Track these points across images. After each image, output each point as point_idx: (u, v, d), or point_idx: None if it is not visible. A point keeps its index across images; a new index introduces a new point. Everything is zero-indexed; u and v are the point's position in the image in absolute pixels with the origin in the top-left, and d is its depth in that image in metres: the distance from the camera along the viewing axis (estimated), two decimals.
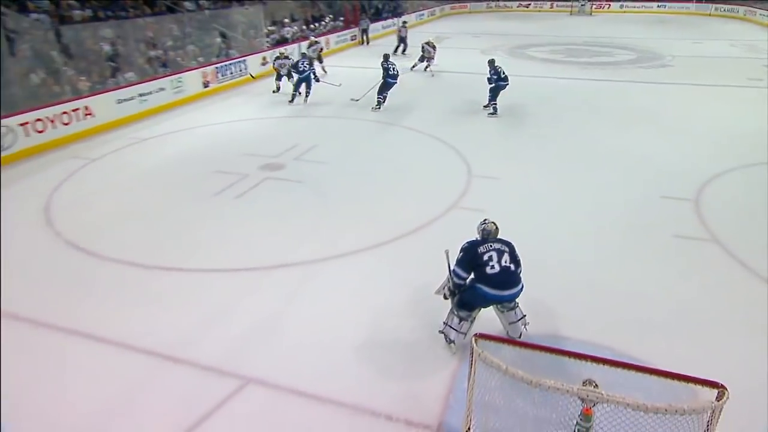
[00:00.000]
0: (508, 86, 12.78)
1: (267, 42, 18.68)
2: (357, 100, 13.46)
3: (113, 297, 5.80)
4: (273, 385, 4.56)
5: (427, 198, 8.21)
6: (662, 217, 7.77)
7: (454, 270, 4.70)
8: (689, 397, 3.27)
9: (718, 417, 3.11)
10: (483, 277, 4.56)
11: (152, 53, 14.67)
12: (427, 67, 18.01)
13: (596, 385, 3.09)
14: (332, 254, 6.64)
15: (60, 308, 5.59)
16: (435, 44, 18.10)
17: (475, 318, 4.82)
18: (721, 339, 5.26)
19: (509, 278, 4.61)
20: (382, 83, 13.07)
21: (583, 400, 3.06)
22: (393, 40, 24.07)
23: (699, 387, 3.16)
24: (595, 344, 4.99)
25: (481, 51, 22.17)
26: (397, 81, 13.23)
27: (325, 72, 16.59)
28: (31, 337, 5.18)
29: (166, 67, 14.49)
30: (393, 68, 13.06)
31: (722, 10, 34.48)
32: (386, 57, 13.35)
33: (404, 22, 22.67)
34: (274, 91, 14.85)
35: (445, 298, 4.87)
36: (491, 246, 4.64)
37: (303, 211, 7.84)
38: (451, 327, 4.82)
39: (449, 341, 4.88)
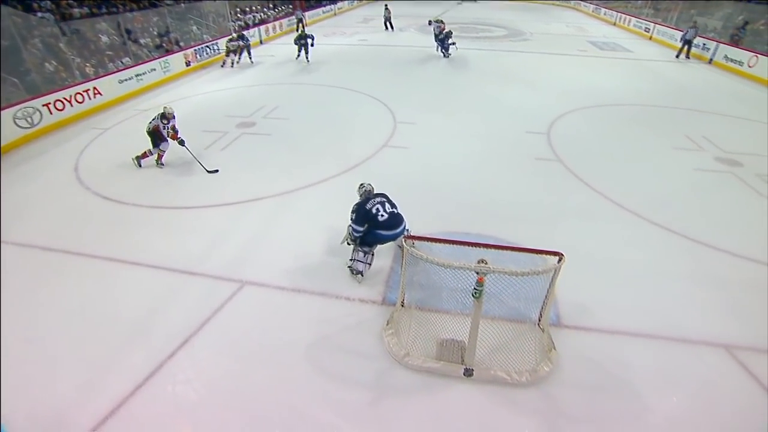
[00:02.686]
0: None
1: (233, 27, 16.89)
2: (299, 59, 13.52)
3: (139, 231, 5.48)
4: (262, 284, 4.56)
5: (366, 140, 8.03)
6: (527, 146, 8.01)
7: (352, 227, 4.43)
8: (542, 263, 3.52)
9: (559, 272, 3.41)
10: (377, 225, 4.34)
11: (143, 41, 13.08)
12: (449, 47, 14.80)
13: (486, 262, 3.24)
14: (298, 186, 6.47)
15: (98, 243, 5.25)
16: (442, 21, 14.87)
17: (374, 251, 4.61)
18: (562, 223, 5.66)
19: (396, 219, 4.42)
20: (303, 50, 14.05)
21: (477, 273, 3.22)
22: (329, 23, 22.60)
23: (548, 256, 3.43)
24: (485, 235, 5.25)
25: (399, 29, 21.08)
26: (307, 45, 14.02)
27: (252, 62, 14.19)
28: (81, 266, 4.88)
29: (160, 48, 13.04)
30: (311, 40, 14.03)
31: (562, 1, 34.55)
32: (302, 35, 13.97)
33: (386, 6, 20.88)
34: (222, 66, 13.97)
35: (349, 244, 4.61)
36: (375, 201, 4.42)
37: (274, 157, 7.50)
38: (358, 261, 4.49)
39: (356, 273, 4.53)
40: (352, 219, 4.45)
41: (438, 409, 3.37)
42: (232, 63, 13.86)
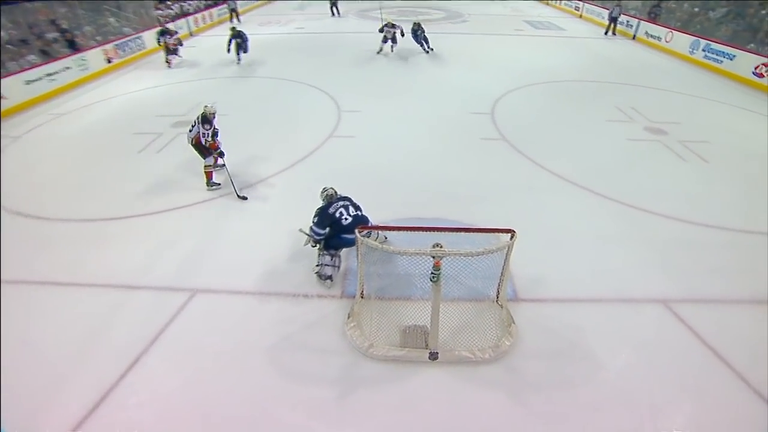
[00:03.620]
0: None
1: (160, 18, 15.64)
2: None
3: (70, 248, 5.02)
4: (215, 290, 4.37)
5: (311, 132, 7.86)
6: (472, 127, 8.20)
7: (313, 230, 4.29)
8: (496, 241, 3.64)
9: (512, 249, 3.54)
10: (342, 228, 4.25)
11: (50, 35, 11.78)
12: (392, 47, 13.40)
13: (441, 246, 3.29)
14: (246, 184, 6.22)
15: (25, 266, 4.76)
16: (394, 23, 13.33)
17: (340, 253, 4.53)
18: (511, 200, 5.88)
19: (360, 222, 4.31)
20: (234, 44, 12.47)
21: (433, 257, 3.26)
22: (262, 11, 21.80)
23: (501, 234, 3.54)
24: (439, 218, 5.34)
25: (342, 15, 20.70)
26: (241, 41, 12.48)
27: (180, 56, 12.96)
28: (8, 293, 4.37)
29: (72, 46, 11.74)
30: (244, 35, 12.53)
31: None
32: (233, 29, 12.53)
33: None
34: (169, 67, 12.42)
35: (313, 246, 4.45)
36: (338, 204, 4.32)
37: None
38: (326, 265, 4.37)
39: (325, 278, 4.36)
40: (314, 222, 4.30)
41: (407, 396, 3.42)
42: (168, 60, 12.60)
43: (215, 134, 5.98)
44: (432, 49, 13.52)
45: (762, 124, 8.95)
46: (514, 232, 3.48)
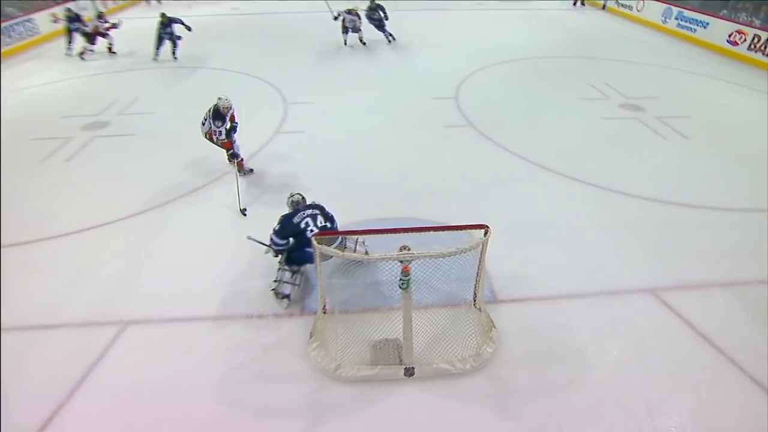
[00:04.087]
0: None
1: None
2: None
3: None
4: (150, 320, 4.22)
5: (254, 129, 7.69)
6: (435, 114, 8.35)
7: (272, 239, 4.24)
8: (469, 239, 3.72)
9: (486, 246, 3.64)
10: (305, 241, 4.13)
11: None
12: (361, 39, 12.61)
13: (409, 248, 3.34)
14: (179, 194, 6.05)
15: None
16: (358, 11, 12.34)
17: (303, 270, 4.49)
18: (483, 192, 6.04)
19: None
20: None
21: (401, 261, 3.30)
22: None
23: (473, 230, 3.63)
24: (404, 217, 5.41)
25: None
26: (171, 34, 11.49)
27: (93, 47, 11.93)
28: None
29: None
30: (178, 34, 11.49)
31: None
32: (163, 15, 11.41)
33: None
34: (83, 59, 11.68)
35: (274, 256, 4.42)
36: (304, 213, 4.24)
37: (142, 162, 6.87)
38: (285, 282, 4.27)
39: (282, 297, 4.28)
40: (274, 230, 4.23)
41: (383, 419, 3.44)
42: (72, 47, 11.76)
43: (231, 131, 5.86)
44: (394, 39, 12.76)
45: (740, 95, 9.65)
46: (488, 227, 3.58)
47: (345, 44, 12.49)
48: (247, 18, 16.11)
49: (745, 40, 11.74)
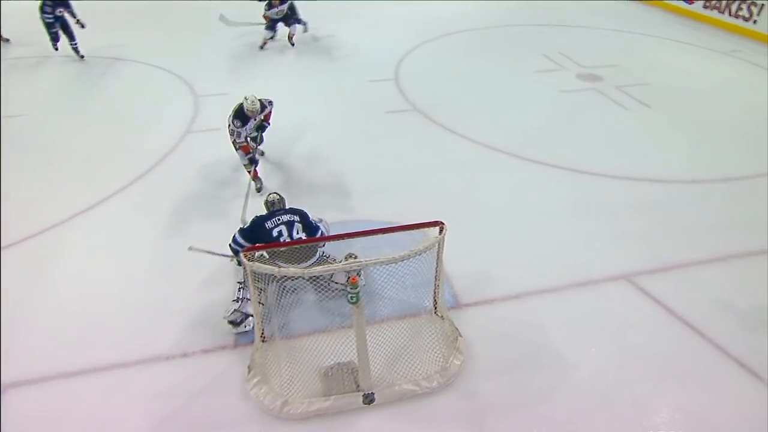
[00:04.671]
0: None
1: None
2: None
3: None
4: (40, 379, 3.92)
5: (160, 130, 7.46)
6: (374, 98, 8.46)
7: (234, 238, 4.26)
8: (423, 238, 3.81)
9: (443, 245, 3.74)
10: (275, 253, 4.07)
11: None
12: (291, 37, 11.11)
13: (355, 255, 3.38)
14: (69, 215, 5.70)
15: None
16: None
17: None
18: (435, 184, 6.20)
19: (306, 250, 4.14)
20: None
21: (348, 272, 3.32)
22: None
23: (428, 228, 3.72)
24: (349, 220, 5.43)
25: None
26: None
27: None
28: None
29: None
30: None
31: None
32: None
33: None
34: None
35: (238, 265, 4.39)
36: (279, 219, 4.21)
37: (21, 178, 6.40)
38: (248, 300, 4.15)
39: (238, 322, 4.15)
40: (240, 229, 4.27)
41: None
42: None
43: (259, 131, 6.02)
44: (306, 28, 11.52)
45: (699, 57, 10.48)
46: (443, 224, 3.67)
47: (264, 46, 10.94)
48: (148, 3, 15.48)
49: None
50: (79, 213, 5.79)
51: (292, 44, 11.05)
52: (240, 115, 5.79)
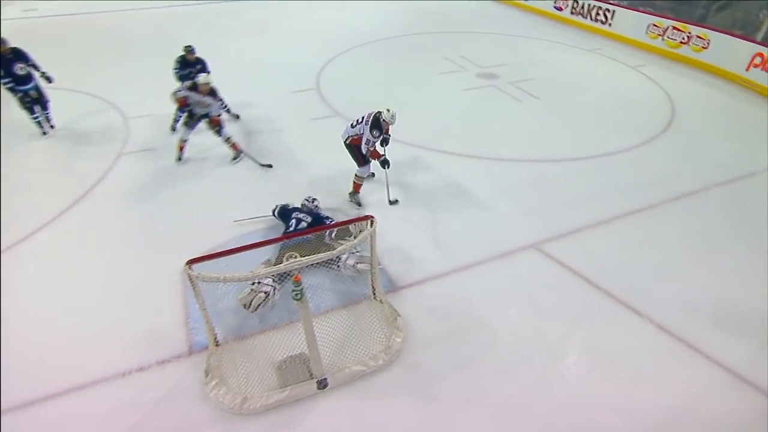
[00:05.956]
0: None
1: None
2: None
3: None
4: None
5: (93, 154, 6.88)
6: (299, 107, 8.26)
7: (277, 206, 5.11)
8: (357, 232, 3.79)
9: (374, 237, 3.74)
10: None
11: None
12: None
13: (296, 255, 3.30)
14: (12, 242, 5.14)
15: None
16: None
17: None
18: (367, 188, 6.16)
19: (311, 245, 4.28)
20: None
21: (289, 272, 3.25)
22: None
23: (360, 223, 3.70)
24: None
25: None
26: None
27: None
28: None
29: None
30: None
31: None
32: None
33: None
34: None
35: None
36: (301, 215, 4.81)
37: None
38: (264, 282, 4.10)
39: (261, 301, 4.07)
40: (282, 204, 5.12)
41: None
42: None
43: (384, 143, 5.63)
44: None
45: (570, 54, 11.24)
46: (373, 217, 3.66)
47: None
48: (51, 21, 14.13)
49: (567, 5, 13.68)
50: (18, 242, 5.25)
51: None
52: (377, 124, 5.40)
